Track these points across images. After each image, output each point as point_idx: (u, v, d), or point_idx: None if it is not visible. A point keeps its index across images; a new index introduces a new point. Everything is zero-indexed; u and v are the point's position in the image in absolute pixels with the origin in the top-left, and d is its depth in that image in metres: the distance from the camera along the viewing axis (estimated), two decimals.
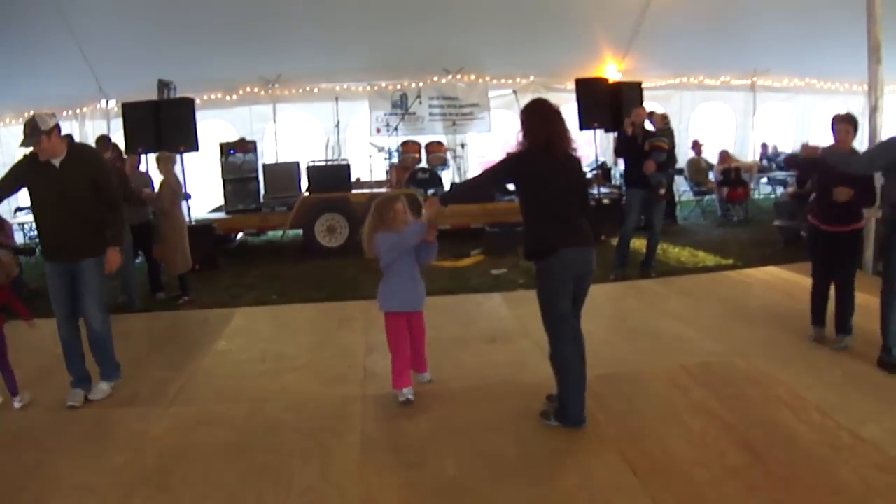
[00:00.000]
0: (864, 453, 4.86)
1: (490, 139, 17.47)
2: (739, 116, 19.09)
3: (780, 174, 16.72)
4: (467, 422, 5.55)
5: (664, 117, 11.27)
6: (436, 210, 5.41)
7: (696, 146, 16.08)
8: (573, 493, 4.48)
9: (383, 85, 16.29)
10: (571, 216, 5.21)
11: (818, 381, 6.10)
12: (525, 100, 16.38)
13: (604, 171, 15.32)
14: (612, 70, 16.62)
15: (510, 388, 6.21)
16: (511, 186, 5.77)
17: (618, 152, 10.72)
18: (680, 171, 15.51)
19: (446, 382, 6.35)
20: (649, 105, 15.41)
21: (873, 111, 9.83)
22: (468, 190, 7.68)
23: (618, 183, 14.87)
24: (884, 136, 11.46)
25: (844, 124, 6.69)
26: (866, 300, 6.85)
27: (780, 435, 5.11)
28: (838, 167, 6.43)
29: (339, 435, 5.42)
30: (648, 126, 10.17)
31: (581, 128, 13.46)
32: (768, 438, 5.06)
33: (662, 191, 9.96)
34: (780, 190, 15.96)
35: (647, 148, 9.80)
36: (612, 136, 14.31)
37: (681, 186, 15.94)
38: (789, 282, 9.47)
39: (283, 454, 5.13)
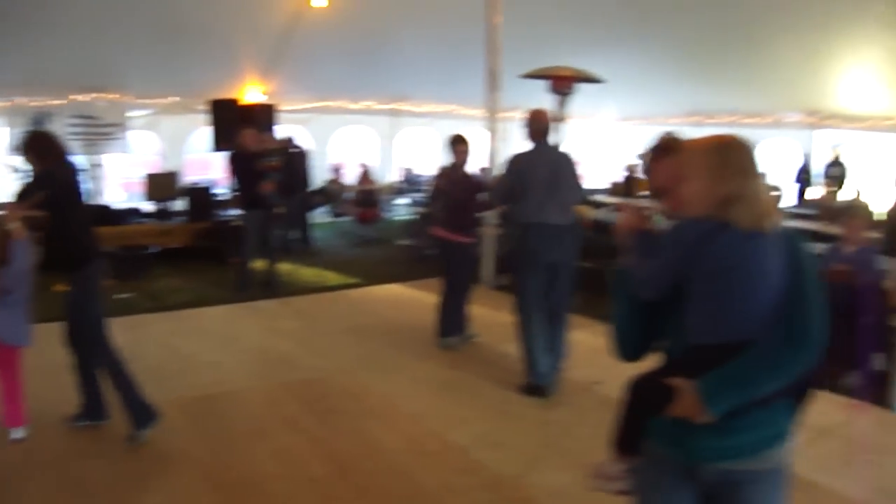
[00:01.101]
0: (447, 458, 5.13)
1: (130, 160, 16.86)
2: (381, 140, 19.68)
3: (417, 196, 17.40)
4: (62, 451, 5.22)
5: (282, 139, 11.20)
6: None
7: (336, 169, 16.36)
8: None
9: (20, 101, 15.10)
10: None
11: (416, 392, 6.37)
12: (163, 120, 16.12)
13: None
14: (256, 92, 16.56)
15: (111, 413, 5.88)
16: None
17: (233, 173, 10.51)
18: (320, 193, 15.68)
19: (44, 412, 5.82)
20: (291, 128, 15.59)
21: (491, 135, 10.46)
22: None
23: None
24: (502, 158, 12.38)
25: (461, 145, 7.16)
26: (483, 313, 7.28)
27: (367, 445, 5.29)
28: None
29: None
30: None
31: (215, 149, 13.30)
32: (354, 449, 5.18)
33: (280, 210, 9.98)
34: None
35: (262, 169, 9.81)
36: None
37: (319, 208, 16.11)
38: (408, 297, 9.90)
39: None
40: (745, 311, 2.26)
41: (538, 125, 6.52)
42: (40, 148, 5.64)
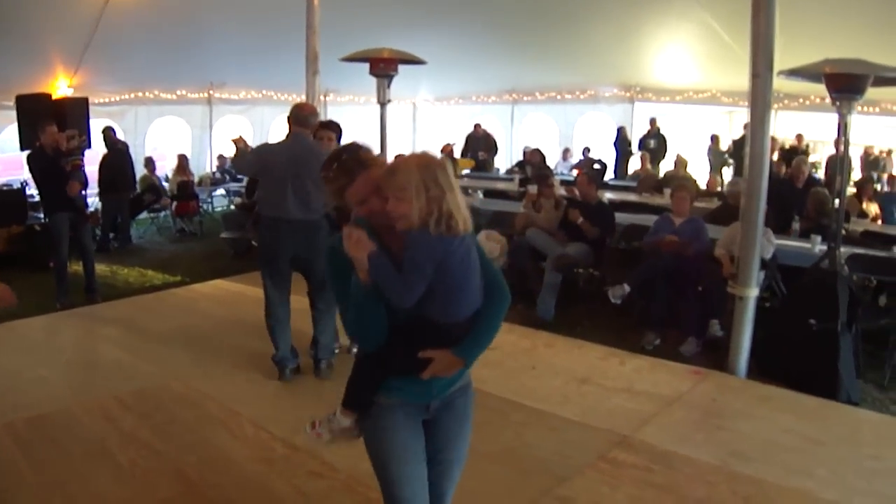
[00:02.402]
0: (298, 462, 4.98)
1: None
2: (196, 130, 19.10)
3: (234, 185, 17.00)
4: None
5: (80, 135, 10.53)
6: None
7: (150, 163, 15.70)
8: None
9: None
10: None
11: (255, 395, 6.17)
12: None
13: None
14: (64, 86, 15.72)
15: None
16: None
17: (34, 175, 9.84)
18: (149, 190, 15.05)
19: None
20: (102, 121, 14.86)
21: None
22: None
23: None
24: None
25: (327, 131, 6.84)
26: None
27: (213, 456, 5.06)
28: None
29: None
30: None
31: (22, 147, 12.47)
32: (201, 462, 4.96)
33: (89, 210, 9.48)
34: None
35: (68, 168, 9.22)
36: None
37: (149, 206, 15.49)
38: (234, 293, 9.59)
39: None
40: (469, 294, 2.89)
41: (296, 115, 6.45)
42: None
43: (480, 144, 19.17)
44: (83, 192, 9.49)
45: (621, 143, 18.43)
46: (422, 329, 2.88)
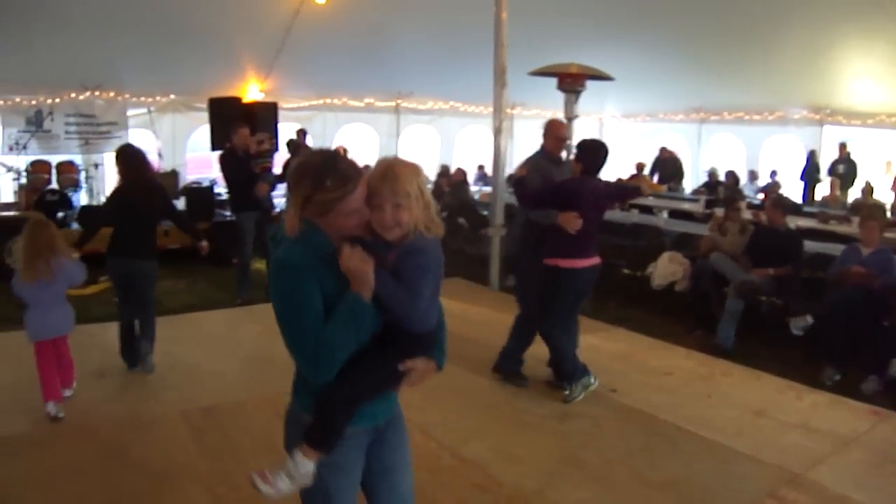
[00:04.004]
0: (463, 474, 4.99)
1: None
2: (384, 138, 19.52)
3: None
4: (59, 466, 5.07)
5: (269, 139, 10.91)
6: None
7: None
8: None
9: (17, 100, 14.89)
10: None
11: (429, 402, 6.17)
12: (163, 118, 15.94)
13: None
14: (254, 90, 16.44)
15: (107, 426, 5.78)
16: None
17: (225, 175, 10.29)
18: None
19: (43, 423, 5.79)
20: (291, 125, 15.42)
21: (497, 132, 10.32)
22: None
23: None
24: (509, 156, 12.28)
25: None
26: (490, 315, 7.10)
27: None
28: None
29: None
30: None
31: (213, 148, 13.16)
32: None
33: (276, 211, 9.86)
34: None
35: (256, 170, 9.60)
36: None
37: None
38: None
39: None
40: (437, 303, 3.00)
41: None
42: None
43: (667, 168, 18.81)
44: (270, 194, 9.86)
45: (810, 168, 17.61)
46: (403, 340, 2.86)
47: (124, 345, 7.07)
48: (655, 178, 18.29)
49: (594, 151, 6.33)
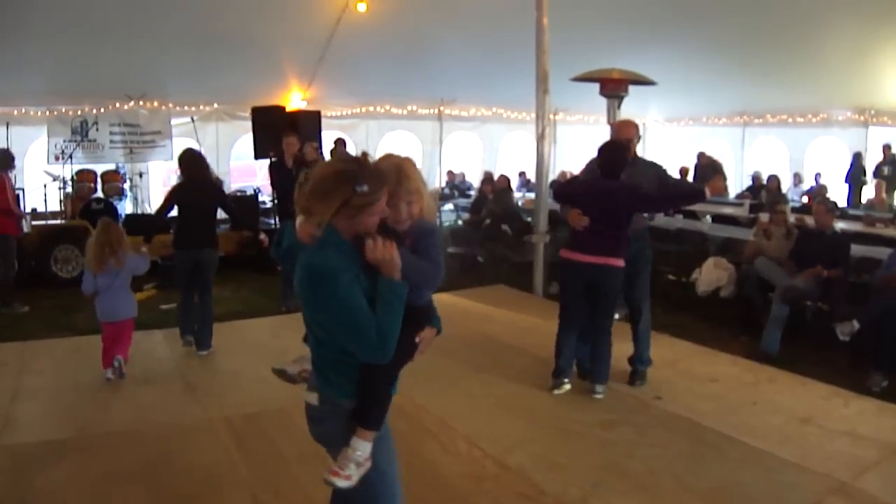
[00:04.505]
0: (507, 482, 5.01)
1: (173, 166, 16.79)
2: (427, 145, 19.60)
3: (462, 202, 17.23)
4: (103, 472, 5.16)
5: (316, 149, 11.02)
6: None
7: None
8: None
9: (63, 110, 15.16)
10: None
11: (472, 410, 6.23)
12: (207, 127, 16.11)
13: None
14: (297, 98, 16.59)
15: (151, 433, 5.88)
16: None
17: (273, 184, 10.46)
18: None
19: (87, 429, 5.92)
20: (334, 133, 15.52)
21: (540, 138, 10.32)
22: None
23: None
24: (552, 162, 12.27)
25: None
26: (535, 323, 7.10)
27: (422, 469, 5.12)
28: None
29: None
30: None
31: (256, 157, 13.35)
32: (410, 474, 4.98)
33: None
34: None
35: (301, 180, 9.60)
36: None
37: None
38: (459, 307, 9.71)
39: None
40: None
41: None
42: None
43: (707, 173, 18.64)
44: None
45: (855, 170, 17.35)
46: (417, 314, 3.10)
47: (184, 317, 8.03)
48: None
49: (605, 153, 6.46)
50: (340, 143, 15.03)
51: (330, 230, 2.84)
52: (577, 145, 20.62)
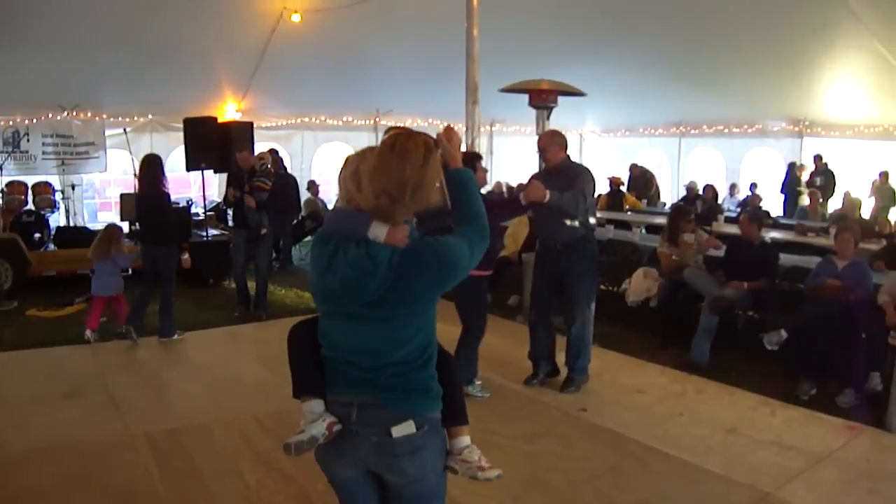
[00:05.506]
0: None
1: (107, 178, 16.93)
2: None
3: None
4: (16, 490, 5.00)
5: (261, 158, 10.89)
6: None
7: (313, 187, 16.04)
8: None
9: None
10: None
11: None
12: (141, 138, 15.79)
13: (218, 213, 14.85)
14: (232, 109, 16.40)
15: (71, 449, 5.69)
16: None
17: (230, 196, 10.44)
18: (310, 217, 15.30)
19: (5, 447, 5.72)
20: (268, 145, 15.31)
21: (470, 149, 10.21)
22: None
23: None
24: (488, 173, 12.18)
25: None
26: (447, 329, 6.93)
27: None
28: None
29: None
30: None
31: (188, 168, 13.13)
32: (329, 488, 4.87)
33: (263, 231, 9.92)
34: None
35: (247, 189, 9.76)
36: (221, 176, 14.64)
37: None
38: None
39: None
40: None
41: None
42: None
43: (639, 184, 18.77)
44: (257, 214, 9.97)
45: (790, 180, 17.57)
46: None
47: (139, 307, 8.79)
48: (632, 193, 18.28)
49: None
50: (272, 153, 14.85)
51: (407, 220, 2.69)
52: (514, 157, 20.68)
